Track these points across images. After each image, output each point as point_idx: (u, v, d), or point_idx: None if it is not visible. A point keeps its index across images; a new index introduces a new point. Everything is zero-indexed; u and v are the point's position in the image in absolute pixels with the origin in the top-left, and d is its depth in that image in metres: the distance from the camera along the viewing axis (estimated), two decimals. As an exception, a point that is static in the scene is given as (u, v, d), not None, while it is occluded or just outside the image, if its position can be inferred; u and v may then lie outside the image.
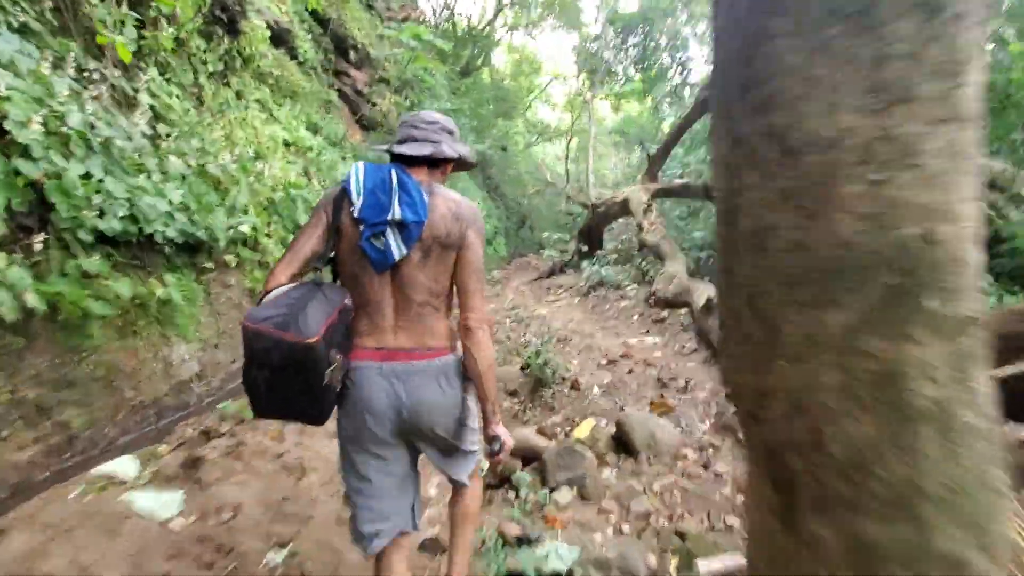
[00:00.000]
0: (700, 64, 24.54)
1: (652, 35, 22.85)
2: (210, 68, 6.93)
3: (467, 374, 1.67)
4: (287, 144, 9.26)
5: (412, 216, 1.51)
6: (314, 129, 11.17)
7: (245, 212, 5.99)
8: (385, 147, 1.72)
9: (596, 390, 3.97)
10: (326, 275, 1.63)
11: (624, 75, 24.62)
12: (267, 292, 1.49)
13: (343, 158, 10.99)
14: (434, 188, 1.62)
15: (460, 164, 1.83)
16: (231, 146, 6.36)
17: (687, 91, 23.77)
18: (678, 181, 9.11)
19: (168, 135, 5.10)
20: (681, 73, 24.59)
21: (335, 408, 1.58)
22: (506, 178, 20.76)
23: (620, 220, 11.77)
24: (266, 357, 1.34)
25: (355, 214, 1.55)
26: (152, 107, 5.04)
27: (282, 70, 10.69)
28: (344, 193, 1.59)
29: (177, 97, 5.74)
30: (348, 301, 1.55)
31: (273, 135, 8.73)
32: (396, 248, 1.52)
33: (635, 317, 6.04)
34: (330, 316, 1.42)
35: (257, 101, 9.23)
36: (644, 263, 7.48)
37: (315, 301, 1.42)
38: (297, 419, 1.52)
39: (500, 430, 1.68)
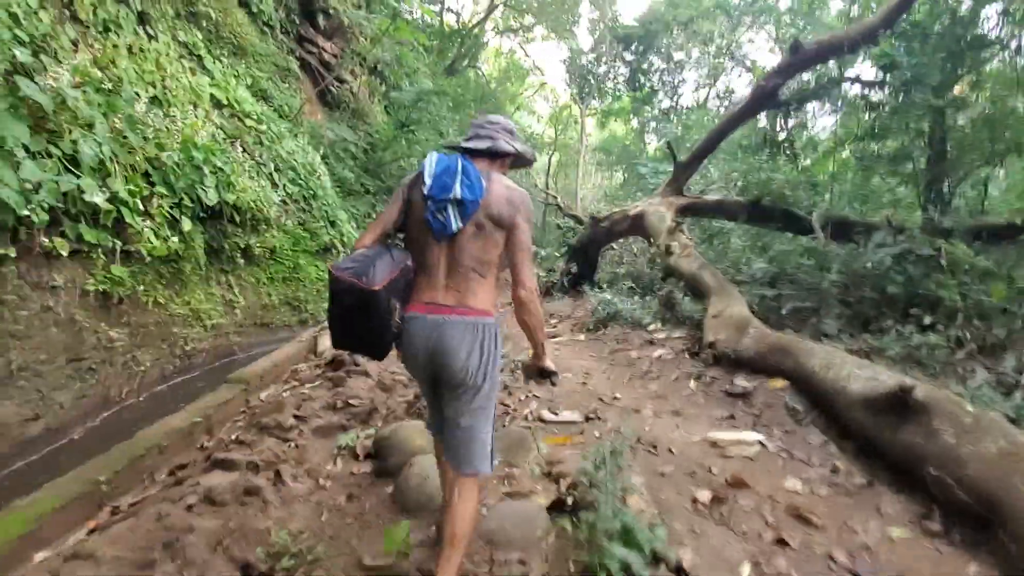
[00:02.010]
0: (691, 89, 23.50)
1: (647, 55, 21.54)
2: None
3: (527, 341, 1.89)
4: (219, 105, 6.89)
5: (470, 196, 1.72)
6: (262, 96, 8.84)
7: (96, 171, 3.64)
8: (456, 144, 1.91)
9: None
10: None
11: (613, 93, 23.30)
12: (355, 250, 1.75)
13: (295, 135, 8.68)
14: (492, 175, 1.80)
15: (520, 161, 1.99)
16: (99, 79, 4.01)
17: (673, 117, 22.64)
18: (712, 197, 7.20)
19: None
20: (672, 97, 23.46)
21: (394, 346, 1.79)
22: (485, 185, 18.63)
23: (621, 240, 9.75)
24: (341, 298, 1.64)
25: (425, 192, 1.75)
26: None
27: (226, 17, 8.36)
28: (420, 176, 1.80)
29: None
30: (410, 263, 1.78)
31: (198, 87, 6.36)
32: (454, 221, 1.72)
33: (684, 379, 4.04)
34: (393, 272, 1.68)
35: (182, 44, 6.87)
36: (674, 296, 5.41)
37: (383, 259, 1.69)
38: (363, 352, 1.81)
39: (548, 363, 1.90)
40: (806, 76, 6.33)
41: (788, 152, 7.18)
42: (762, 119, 7.54)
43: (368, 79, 12.75)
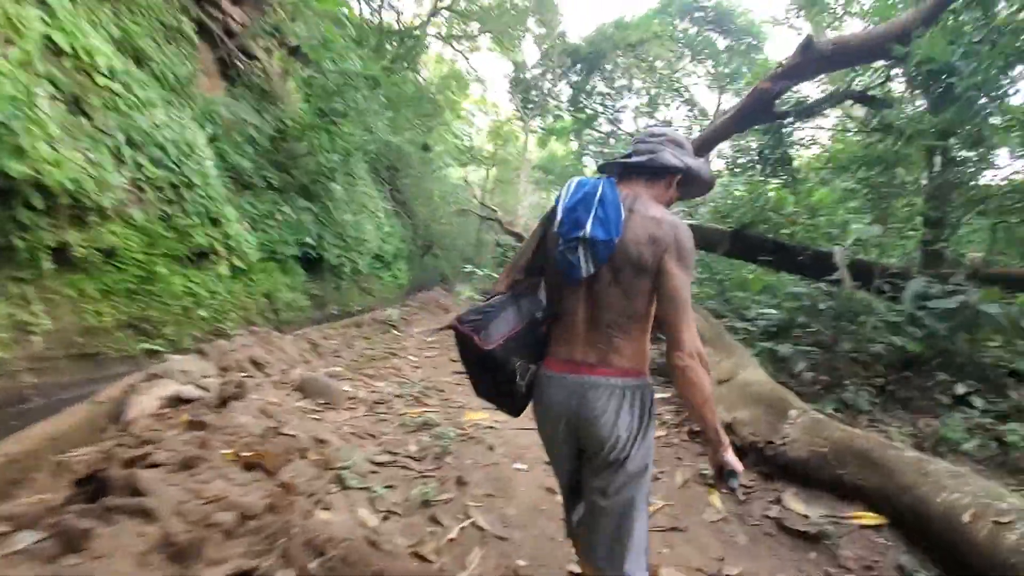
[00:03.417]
0: (631, 117, 23.19)
1: (591, 76, 20.94)
2: None
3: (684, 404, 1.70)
4: (58, 52, 4.87)
5: (602, 235, 1.38)
6: (136, 56, 6.78)
7: None
8: (611, 162, 1.60)
9: None
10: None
11: (556, 112, 22.53)
12: (491, 295, 1.57)
13: (176, 107, 6.68)
14: (636, 205, 1.45)
15: (692, 181, 1.59)
16: None
17: (613, 141, 22.19)
18: (687, 221, 6.06)
19: None
20: (612, 122, 23.03)
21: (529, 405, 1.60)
22: (418, 195, 16.85)
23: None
24: (464, 352, 1.48)
25: (555, 229, 1.47)
26: None
27: (87, -56, 6.30)
28: (555, 208, 1.53)
29: None
30: (539, 314, 1.53)
31: (20, 19, 4.35)
32: (584, 265, 1.41)
33: (698, 484, 2.69)
34: (514, 328, 1.47)
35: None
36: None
37: (507, 312, 1.48)
38: (499, 407, 1.62)
39: (729, 457, 1.39)
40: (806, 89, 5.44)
41: (783, 174, 6.25)
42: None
43: (284, 58, 10.82)
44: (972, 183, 4.60)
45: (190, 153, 6.32)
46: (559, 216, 1.45)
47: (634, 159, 1.51)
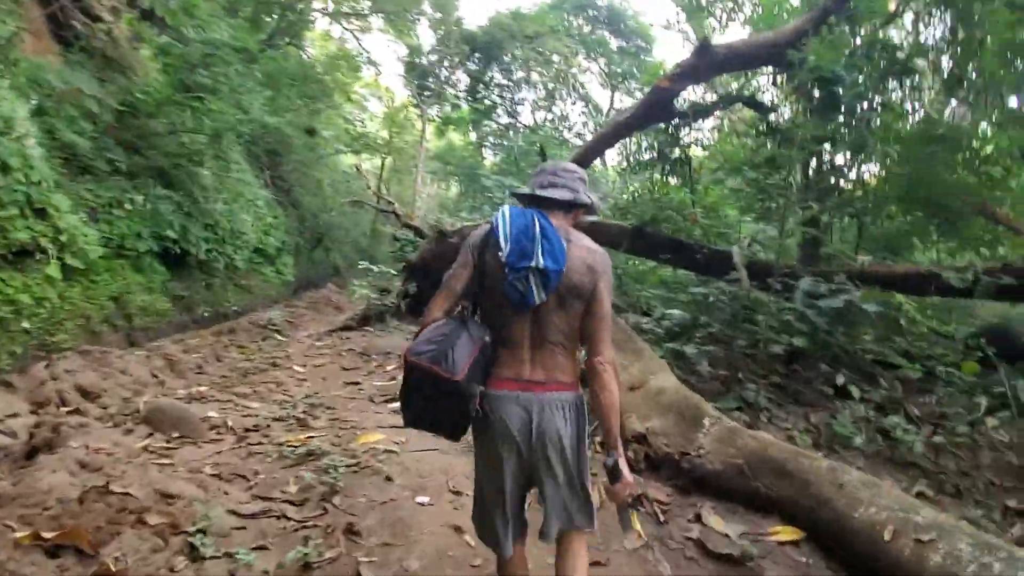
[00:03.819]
0: (529, 111, 23.28)
1: (490, 66, 20.66)
2: None
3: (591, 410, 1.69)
4: None
5: (553, 265, 1.51)
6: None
7: None
8: (527, 190, 1.71)
9: None
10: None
11: (453, 101, 21.96)
12: (425, 326, 1.58)
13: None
14: (571, 235, 1.61)
15: (589, 212, 1.82)
16: None
17: (512, 133, 22.17)
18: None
19: None
20: (510, 115, 22.96)
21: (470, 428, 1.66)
22: (305, 182, 15.44)
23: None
24: (420, 385, 1.50)
25: (502, 258, 1.53)
26: None
27: None
28: (490, 235, 1.60)
29: None
30: (488, 338, 1.58)
31: None
32: (536, 293, 1.52)
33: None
34: (473, 354, 1.50)
35: None
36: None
37: (461, 339, 1.50)
38: (438, 433, 1.71)
39: (621, 461, 1.59)
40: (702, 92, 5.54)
41: (680, 173, 6.35)
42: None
43: (135, 21, 9.25)
44: (843, 186, 4.95)
45: (3, 130, 5.08)
46: (506, 247, 1.51)
47: (562, 196, 1.62)
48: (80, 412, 3.09)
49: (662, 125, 6.14)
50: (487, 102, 20.42)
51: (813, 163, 5.18)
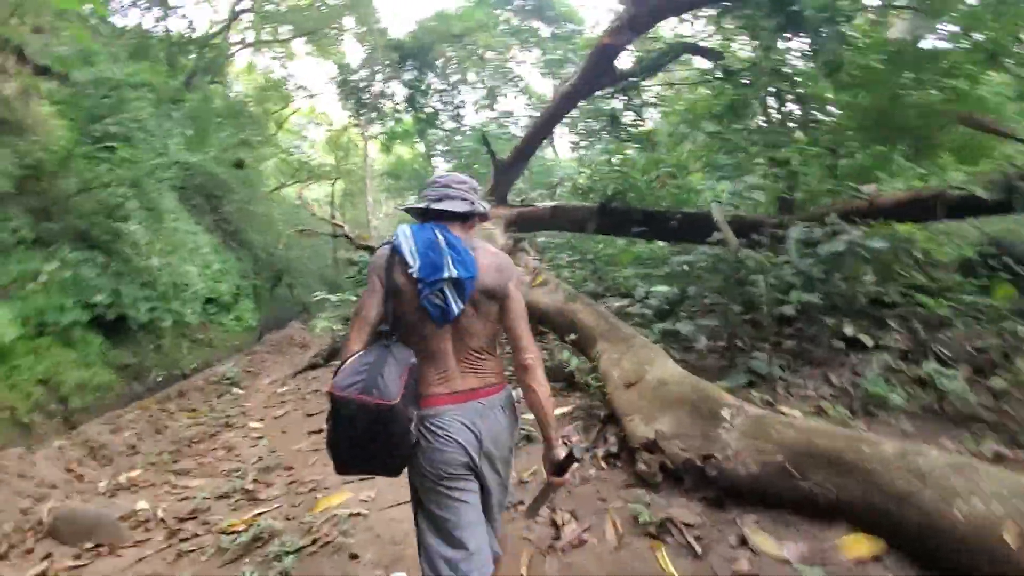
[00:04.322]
0: (473, 112, 22.75)
1: (425, 73, 20.04)
2: None
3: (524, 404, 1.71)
4: None
5: (465, 273, 1.52)
6: None
7: None
8: (423, 204, 1.66)
9: None
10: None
11: (394, 114, 21.29)
12: (344, 360, 1.51)
13: None
14: (474, 243, 1.64)
15: (481, 220, 1.82)
16: None
17: (459, 137, 21.61)
18: (545, 203, 5.44)
19: None
20: (455, 119, 22.40)
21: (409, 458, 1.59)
22: (251, 221, 14.57)
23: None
24: (353, 420, 1.40)
25: (413, 275, 1.53)
26: None
27: None
28: (393, 254, 1.58)
29: None
30: (413, 359, 1.53)
31: None
32: (455, 304, 1.53)
33: (635, 535, 2.03)
34: (403, 376, 1.46)
35: None
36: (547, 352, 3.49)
37: (388, 364, 1.45)
38: (377, 472, 1.59)
39: (561, 452, 1.64)
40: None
41: (636, 137, 5.91)
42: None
43: (30, 77, 8.45)
44: (810, 122, 4.56)
45: None
46: (414, 263, 1.51)
47: (459, 208, 1.62)
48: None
49: (610, 90, 5.70)
50: (428, 110, 19.84)
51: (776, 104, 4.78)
